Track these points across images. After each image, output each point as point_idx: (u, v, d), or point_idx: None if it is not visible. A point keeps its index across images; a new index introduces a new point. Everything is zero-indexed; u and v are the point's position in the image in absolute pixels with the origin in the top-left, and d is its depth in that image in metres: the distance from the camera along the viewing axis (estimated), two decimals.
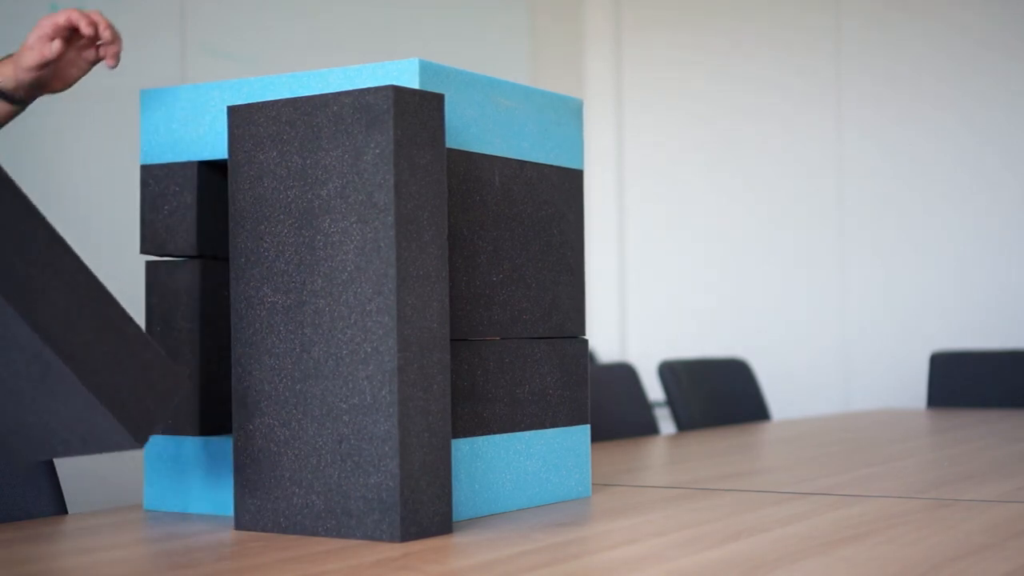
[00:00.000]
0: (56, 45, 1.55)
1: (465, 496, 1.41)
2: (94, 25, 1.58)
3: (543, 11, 4.97)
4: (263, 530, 1.33)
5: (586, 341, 1.61)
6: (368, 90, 1.29)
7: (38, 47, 1.56)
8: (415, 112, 1.30)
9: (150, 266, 1.53)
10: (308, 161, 1.32)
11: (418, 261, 1.28)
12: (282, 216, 1.34)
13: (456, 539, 1.28)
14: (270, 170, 1.35)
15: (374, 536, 1.26)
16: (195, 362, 1.48)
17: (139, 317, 1.62)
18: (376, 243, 1.27)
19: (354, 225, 1.29)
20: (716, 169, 4.93)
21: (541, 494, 1.52)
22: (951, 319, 4.47)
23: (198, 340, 1.48)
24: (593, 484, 1.69)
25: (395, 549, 1.22)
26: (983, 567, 1.12)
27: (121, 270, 3.28)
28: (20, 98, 1.61)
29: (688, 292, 4.97)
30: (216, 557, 1.22)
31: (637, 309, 5.08)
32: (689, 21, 5.00)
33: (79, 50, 1.60)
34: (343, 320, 1.28)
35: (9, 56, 1.61)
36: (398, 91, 1.28)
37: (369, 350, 1.26)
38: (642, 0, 5.10)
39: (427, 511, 1.28)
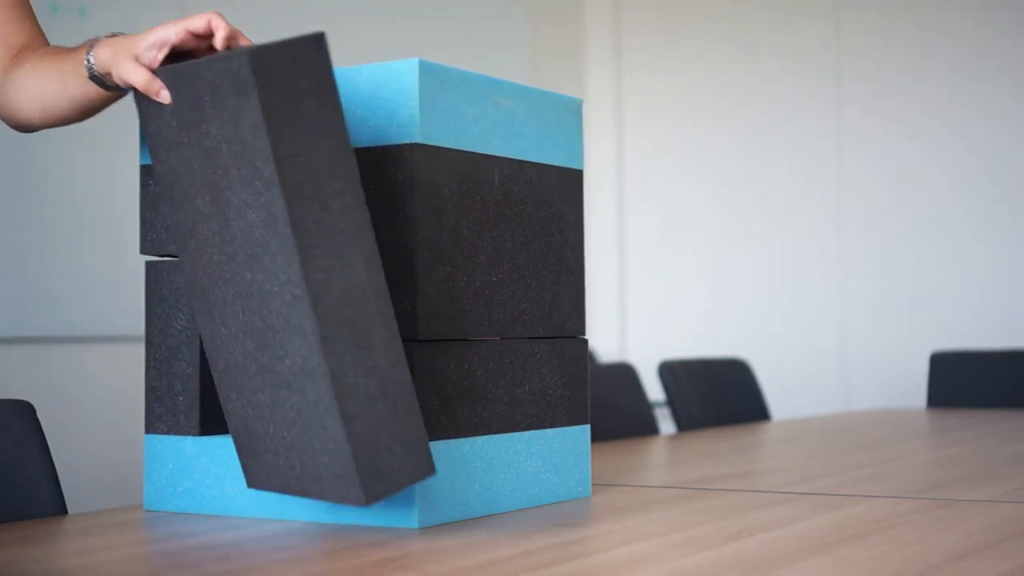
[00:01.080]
0: (164, 96, 1.32)
1: (465, 496, 1.41)
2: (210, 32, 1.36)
3: (543, 14, 4.97)
4: (270, 489, 1.33)
5: (586, 341, 1.61)
6: (229, 54, 1.22)
7: (142, 79, 1.34)
8: (285, 69, 1.21)
9: (150, 266, 1.53)
10: (201, 132, 1.27)
11: (324, 222, 1.23)
12: (198, 188, 1.31)
13: (456, 539, 1.28)
14: (176, 142, 1.32)
15: (344, 499, 1.25)
16: (195, 362, 1.48)
17: (139, 317, 1.62)
18: (272, 214, 1.22)
19: (251, 197, 1.24)
20: (716, 169, 4.93)
21: (541, 494, 1.52)
22: (951, 319, 4.47)
23: (198, 340, 1.48)
24: (593, 484, 1.69)
25: (395, 549, 1.22)
26: (983, 567, 1.12)
27: (121, 270, 3.29)
28: (114, 85, 1.43)
29: (688, 292, 4.97)
30: (216, 557, 1.22)
31: (637, 309, 5.08)
32: (689, 22, 5.00)
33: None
34: (270, 293, 1.26)
35: (112, 37, 1.41)
36: (254, 53, 1.20)
37: (295, 321, 1.24)
38: (642, 2, 5.10)
39: (392, 466, 1.26)
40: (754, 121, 4.86)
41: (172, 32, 1.35)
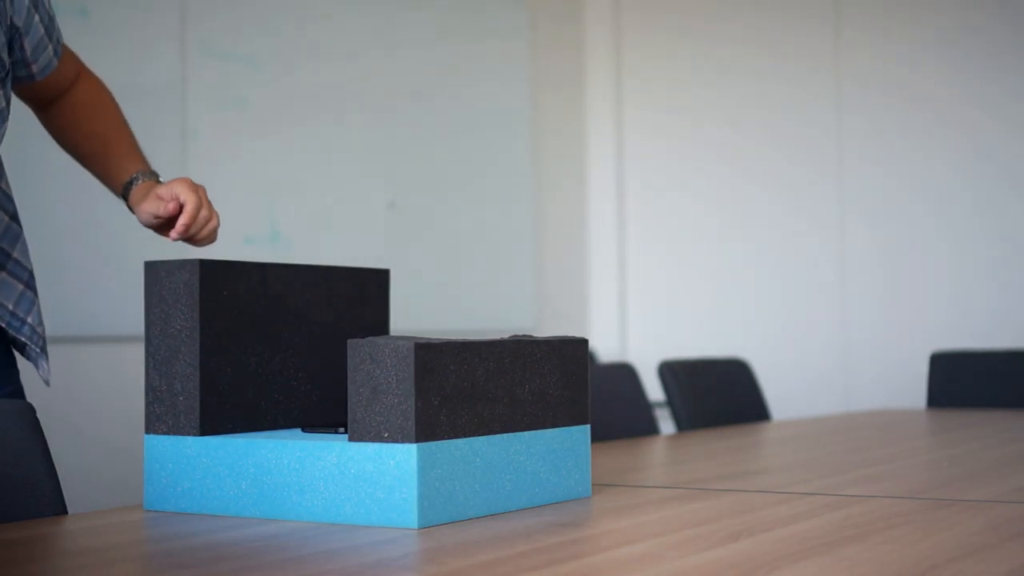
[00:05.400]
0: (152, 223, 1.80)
1: (465, 496, 1.41)
2: (186, 223, 1.74)
3: (543, 14, 4.97)
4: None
5: (586, 341, 1.61)
6: None
7: (148, 219, 1.81)
8: None
9: (149, 266, 1.53)
10: None
11: None
12: None
13: (456, 539, 1.28)
14: None
15: None
16: (195, 362, 1.48)
17: (139, 317, 1.62)
18: None
19: None
20: (716, 169, 4.93)
21: (541, 494, 1.52)
22: (951, 319, 4.47)
23: (198, 340, 1.48)
24: (593, 484, 1.69)
25: (395, 549, 1.22)
26: (983, 567, 1.12)
27: (121, 270, 3.29)
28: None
29: (688, 292, 4.97)
30: (216, 557, 1.22)
31: (637, 309, 5.07)
32: (689, 22, 5.00)
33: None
34: None
35: (147, 184, 1.85)
36: None
37: None
38: (642, 2, 5.10)
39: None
40: (754, 121, 4.86)
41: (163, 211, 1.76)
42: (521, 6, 4.81)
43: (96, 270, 3.25)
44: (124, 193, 1.88)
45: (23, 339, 1.79)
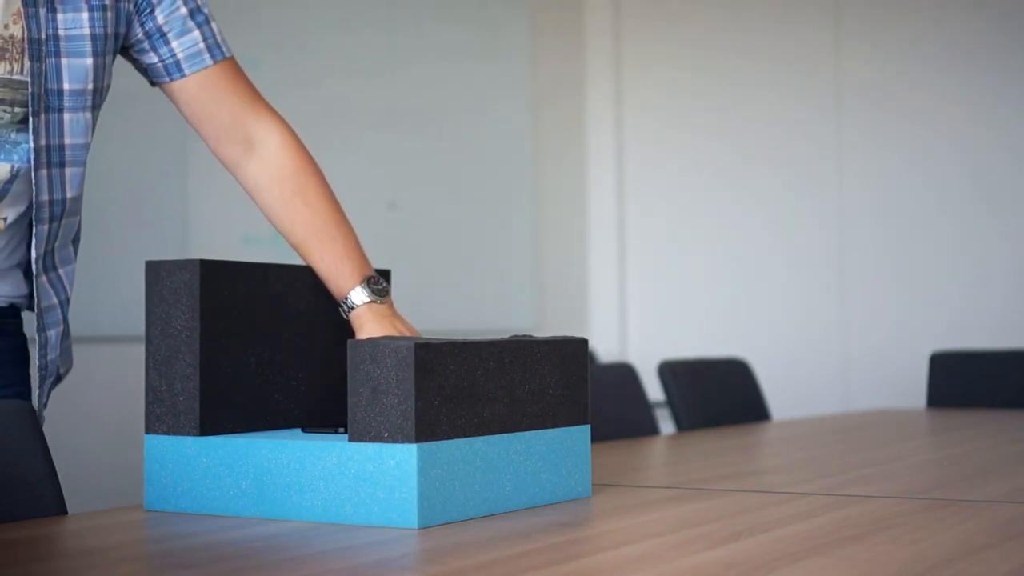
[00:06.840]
0: None
1: (465, 496, 1.41)
2: None
3: (543, 15, 4.97)
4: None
5: (586, 341, 1.60)
6: None
7: None
8: None
9: (150, 266, 1.53)
10: None
11: None
12: None
13: (456, 539, 1.28)
14: None
15: None
16: (195, 362, 1.48)
17: (139, 317, 1.63)
18: None
19: None
20: (716, 169, 4.93)
21: (541, 494, 1.52)
22: (951, 319, 4.47)
23: (198, 340, 1.48)
24: (593, 484, 1.69)
25: (395, 549, 1.22)
26: (983, 567, 1.12)
27: (121, 270, 3.29)
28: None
29: (688, 292, 4.97)
30: (216, 557, 1.22)
31: (637, 309, 5.08)
32: (689, 24, 5.00)
33: None
34: None
35: (378, 306, 1.65)
36: None
37: None
38: (642, 1, 5.10)
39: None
40: (754, 121, 4.86)
41: None
42: (522, 13, 4.81)
43: (96, 270, 3.25)
44: (342, 302, 1.67)
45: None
